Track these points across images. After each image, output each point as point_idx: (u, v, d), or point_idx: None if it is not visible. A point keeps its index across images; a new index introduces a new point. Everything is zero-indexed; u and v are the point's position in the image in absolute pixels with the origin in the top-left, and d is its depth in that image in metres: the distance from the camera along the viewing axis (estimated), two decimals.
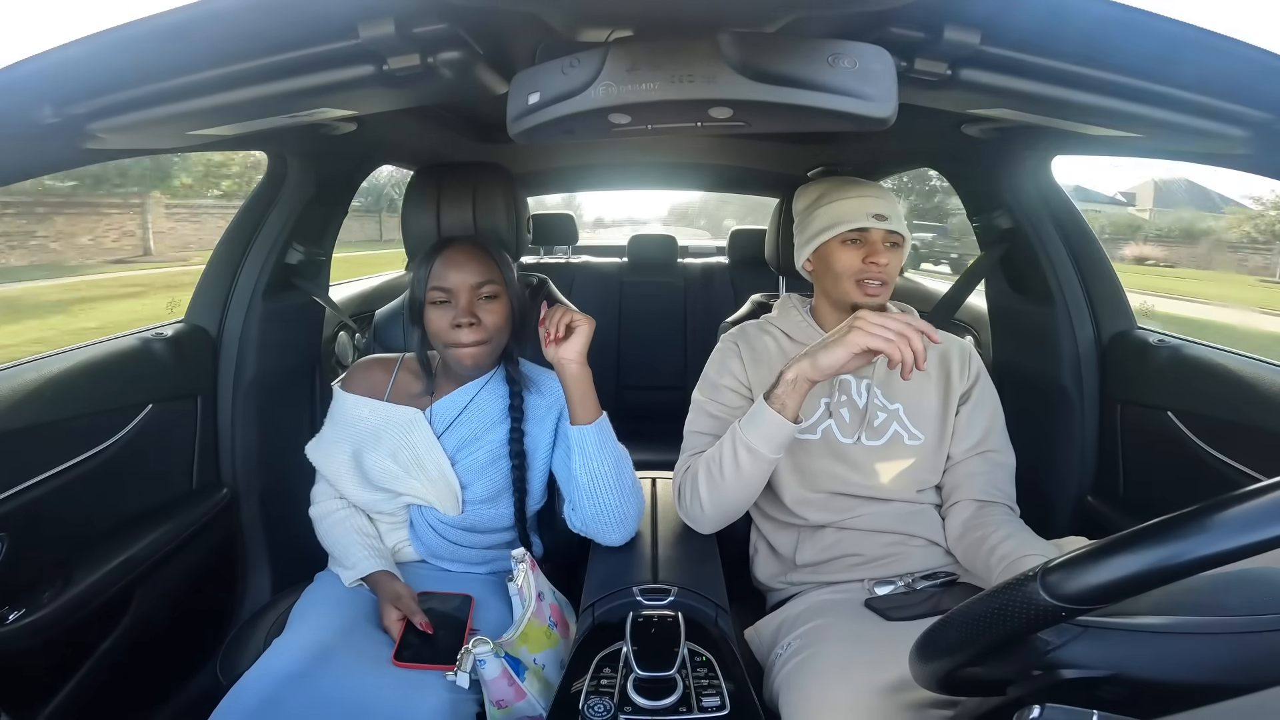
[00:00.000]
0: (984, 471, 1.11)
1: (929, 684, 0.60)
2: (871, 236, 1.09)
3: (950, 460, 1.14)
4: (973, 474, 1.12)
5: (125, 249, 12.77)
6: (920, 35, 0.67)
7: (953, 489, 1.13)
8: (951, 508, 1.12)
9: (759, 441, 0.98)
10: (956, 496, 1.12)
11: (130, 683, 1.24)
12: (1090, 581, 0.45)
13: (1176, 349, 1.26)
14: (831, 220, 1.11)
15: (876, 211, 1.09)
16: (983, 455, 1.12)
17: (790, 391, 0.97)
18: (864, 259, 1.09)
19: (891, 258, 1.09)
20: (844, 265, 1.10)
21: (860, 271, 1.09)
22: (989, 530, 1.02)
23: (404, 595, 1.05)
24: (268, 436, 1.52)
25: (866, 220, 1.08)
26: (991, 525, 1.03)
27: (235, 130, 0.91)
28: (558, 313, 1.04)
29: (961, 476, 1.12)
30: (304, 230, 1.52)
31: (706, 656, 0.84)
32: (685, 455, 1.16)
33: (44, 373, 1.10)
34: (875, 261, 1.08)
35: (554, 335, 1.03)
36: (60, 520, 1.11)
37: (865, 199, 1.10)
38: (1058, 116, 0.86)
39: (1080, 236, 1.41)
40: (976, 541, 1.03)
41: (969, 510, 1.09)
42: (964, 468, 1.12)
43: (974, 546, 1.03)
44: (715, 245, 4.56)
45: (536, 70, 0.69)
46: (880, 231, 1.09)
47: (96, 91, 0.73)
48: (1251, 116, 0.75)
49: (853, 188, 1.13)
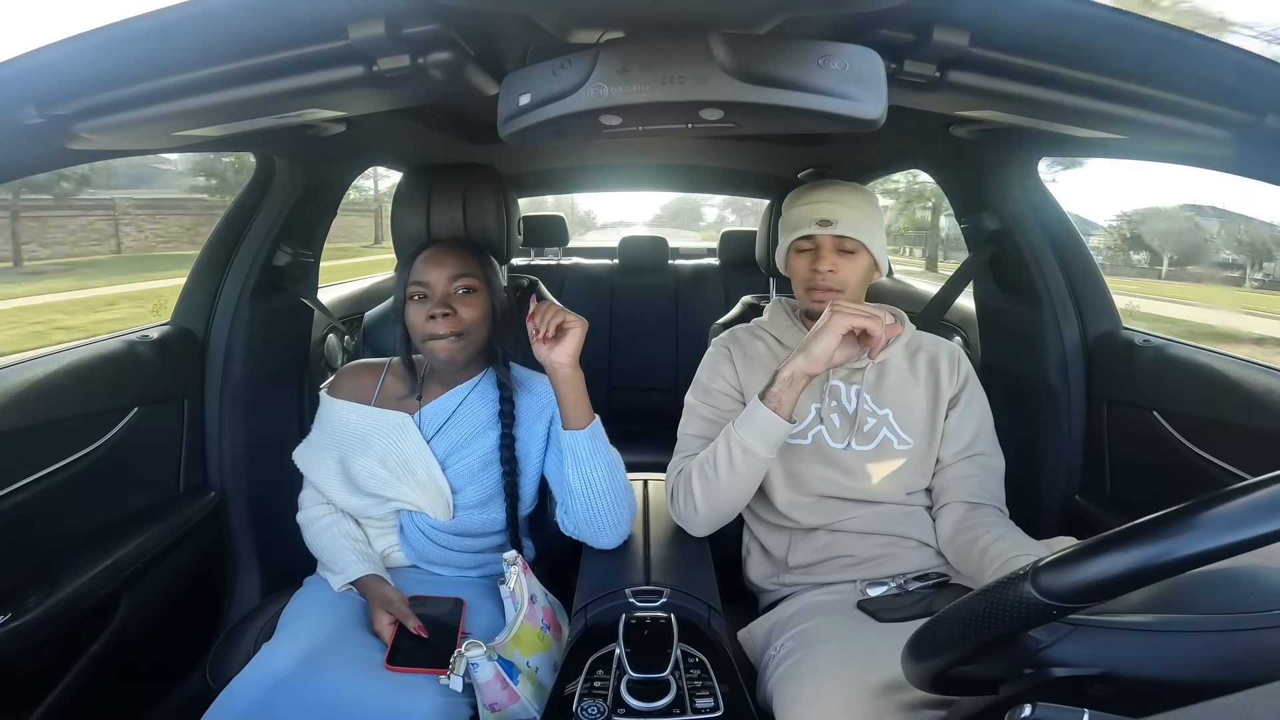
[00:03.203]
0: (973, 475, 1.12)
1: (921, 683, 0.60)
2: (817, 241, 1.10)
3: (940, 463, 1.14)
4: (962, 477, 1.12)
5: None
6: (909, 37, 0.68)
7: (942, 491, 1.14)
8: (941, 510, 1.12)
9: (754, 440, 0.99)
10: (946, 499, 1.12)
11: (118, 687, 1.23)
12: (1080, 579, 0.46)
13: (1161, 349, 1.27)
14: (786, 227, 1.14)
15: (823, 217, 1.09)
16: (972, 459, 1.13)
17: (787, 389, 0.98)
18: (810, 266, 1.10)
19: (842, 264, 1.09)
20: (796, 273, 1.13)
21: (808, 279, 1.10)
22: (980, 532, 1.03)
23: (395, 599, 1.05)
24: (256, 439, 1.51)
25: (811, 227, 1.09)
26: (983, 527, 1.04)
27: (222, 131, 0.90)
28: (548, 310, 1.02)
29: (951, 479, 1.13)
30: (292, 231, 1.51)
31: (699, 658, 0.84)
32: (678, 457, 1.16)
33: (28, 376, 1.08)
34: (817, 269, 1.09)
35: (543, 333, 1.00)
36: (46, 524, 1.10)
37: (816, 205, 1.11)
38: (1044, 118, 0.87)
39: (1066, 238, 1.42)
40: (968, 543, 1.03)
41: (959, 512, 1.10)
42: (953, 470, 1.13)
43: (965, 548, 1.04)
44: (705, 247, 4.58)
45: (527, 71, 0.69)
46: (827, 238, 1.09)
47: (81, 92, 0.73)
48: (1233, 118, 0.76)
49: (810, 194, 1.14)
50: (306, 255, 1.58)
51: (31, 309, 9.35)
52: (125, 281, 11.51)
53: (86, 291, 10.85)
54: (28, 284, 11.18)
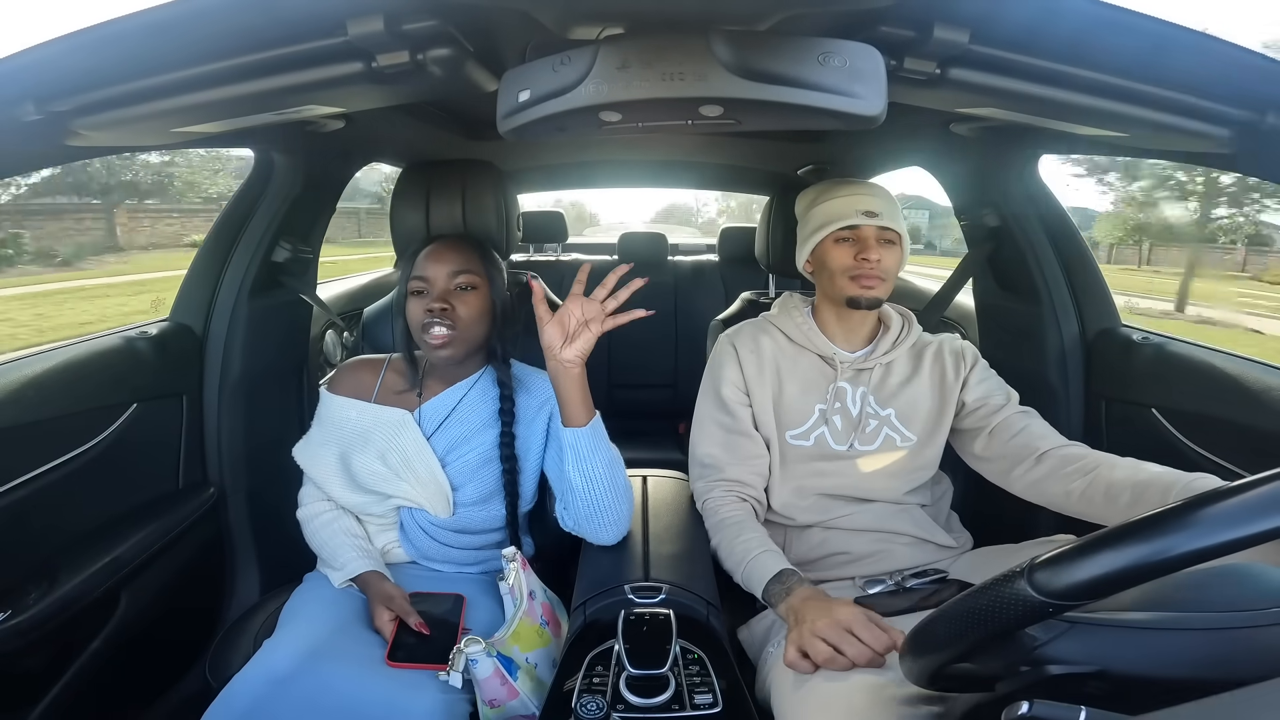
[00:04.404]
0: (1025, 425, 1.10)
1: (919, 680, 0.61)
2: (863, 233, 1.10)
3: (991, 434, 1.12)
4: (1020, 430, 1.10)
5: None
6: (910, 34, 0.68)
7: (1016, 454, 1.09)
8: (1027, 473, 1.07)
9: (755, 587, 1.00)
10: (1023, 455, 1.08)
11: (119, 684, 1.23)
12: (1077, 577, 0.46)
13: (1160, 346, 1.27)
14: (824, 219, 1.12)
15: (867, 209, 1.09)
16: (1022, 413, 1.12)
17: (781, 602, 0.96)
18: (855, 256, 1.09)
19: (885, 254, 1.09)
20: (837, 263, 1.11)
21: (853, 268, 1.10)
22: (1089, 468, 0.99)
23: (395, 596, 1.05)
24: (255, 436, 1.51)
25: (856, 217, 1.09)
26: (1077, 471, 1.00)
27: (220, 127, 0.90)
28: (581, 306, 1.01)
29: (1007, 440, 1.10)
30: (291, 228, 1.50)
31: (698, 654, 0.84)
32: (709, 477, 1.15)
33: (26, 373, 1.08)
34: (866, 258, 1.08)
35: (570, 332, 0.99)
36: (45, 521, 1.10)
37: (856, 196, 1.11)
38: (1045, 116, 0.86)
39: (1066, 235, 1.42)
40: (1085, 495, 0.98)
41: (1045, 468, 1.05)
42: (1006, 430, 1.11)
43: (1088, 499, 0.98)
44: (705, 243, 4.57)
45: (527, 68, 0.69)
46: (871, 228, 1.10)
47: (80, 88, 0.72)
48: (1234, 115, 0.76)
49: (846, 186, 1.14)
50: (305, 251, 1.58)
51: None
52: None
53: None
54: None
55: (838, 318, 1.17)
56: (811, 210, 1.16)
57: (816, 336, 1.17)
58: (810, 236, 1.15)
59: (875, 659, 0.82)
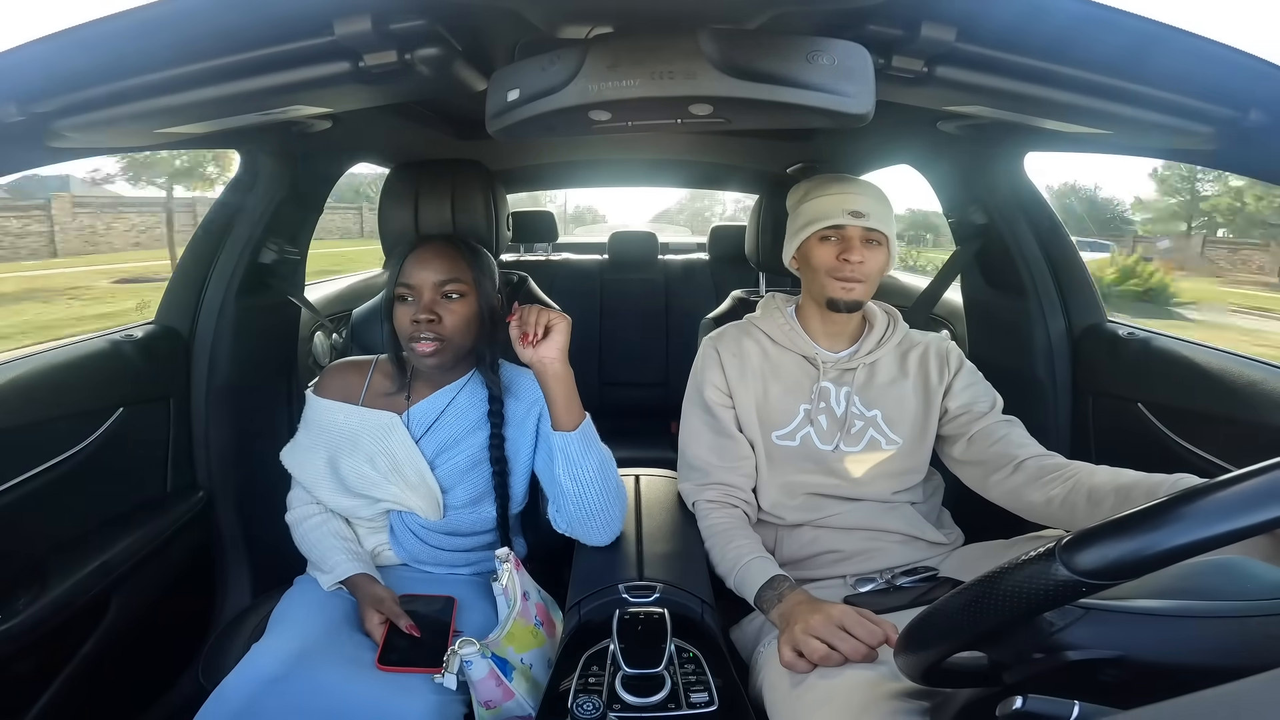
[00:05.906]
0: (1006, 434, 1.11)
1: (914, 675, 0.61)
2: (848, 233, 1.10)
3: (970, 440, 1.13)
4: (999, 438, 1.10)
5: None
6: (898, 32, 0.68)
7: (994, 460, 1.10)
8: (1004, 479, 1.08)
9: (748, 593, 1.00)
10: (1001, 462, 1.09)
11: (110, 689, 1.22)
12: (1114, 555, 0.45)
13: (1146, 341, 1.29)
14: (811, 217, 1.12)
15: (854, 208, 1.09)
16: (1004, 422, 1.13)
17: (773, 608, 0.96)
18: (838, 255, 1.10)
19: (869, 255, 1.09)
20: (820, 261, 1.11)
21: (835, 268, 1.10)
22: (1064, 484, 0.99)
23: (385, 598, 1.04)
24: (243, 438, 1.49)
25: (842, 217, 1.09)
26: (1058, 479, 1.00)
27: (206, 128, 0.89)
28: (531, 311, 1.01)
29: (986, 447, 1.11)
30: (278, 229, 1.49)
31: (694, 652, 0.84)
32: (697, 480, 1.16)
33: (10, 376, 1.07)
34: (848, 259, 1.09)
35: (531, 336, 1.00)
36: (33, 525, 1.09)
37: (845, 195, 1.11)
38: (1031, 113, 0.87)
39: (1052, 232, 1.43)
40: (1066, 502, 0.98)
41: (1021, 477, 1.06)
42: (987, 436, 1.11)
43: (1068, 507, 0.97)
44: (696, 242, 4.57)
45: (516, 67, 0.68)
46: (857, 229, 1.10)
47: (62, 89, 0.71)
48: (1217, 113, 0.77)
49: (837, 184, 1.14)
50: (293, 252, 1.56)
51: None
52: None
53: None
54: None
55: (821, 317, 1.17)
56: (800, 206, 1.16)
57: (799, 337, 1.17)
58: (796, 233, 1.15)
59: (869, 654, 0.82)
